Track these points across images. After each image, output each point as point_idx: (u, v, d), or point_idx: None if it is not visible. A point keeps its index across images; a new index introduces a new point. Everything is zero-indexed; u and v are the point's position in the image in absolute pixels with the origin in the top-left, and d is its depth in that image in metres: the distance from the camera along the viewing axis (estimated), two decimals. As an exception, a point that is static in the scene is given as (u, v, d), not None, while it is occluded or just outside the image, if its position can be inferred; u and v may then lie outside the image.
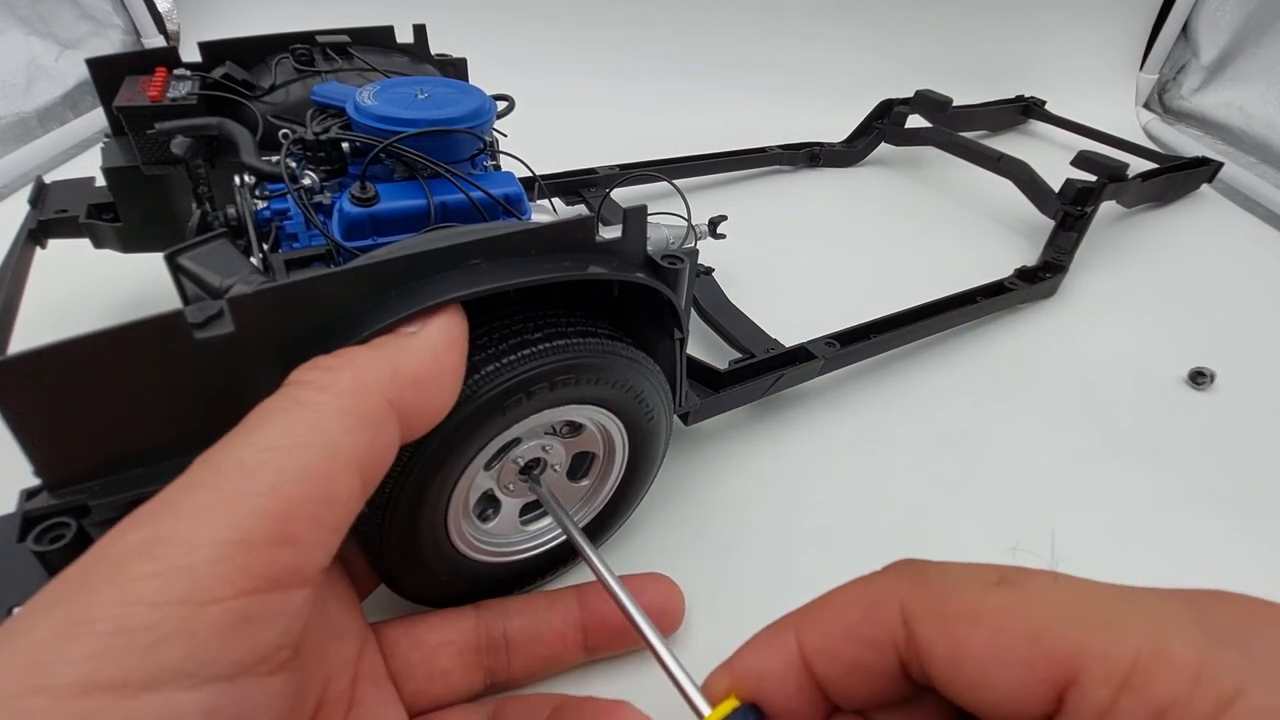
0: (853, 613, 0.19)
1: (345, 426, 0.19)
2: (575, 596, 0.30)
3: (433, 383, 0.22)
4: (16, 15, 0.80)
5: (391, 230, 0.32)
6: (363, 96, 0.34)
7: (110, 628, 0.15)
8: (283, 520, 0.17)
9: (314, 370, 0.21)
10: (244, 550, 0.16)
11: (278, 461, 0.18)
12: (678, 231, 0.53)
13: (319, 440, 0.19)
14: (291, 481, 0.18)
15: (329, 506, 0.18)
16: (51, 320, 0.46)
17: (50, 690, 0.14)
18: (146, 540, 0.16)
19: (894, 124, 0.85)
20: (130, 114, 0.39)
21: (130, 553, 0.16)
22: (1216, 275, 0.69)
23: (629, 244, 0.28)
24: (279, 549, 0.17)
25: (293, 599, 0.17)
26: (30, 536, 0.21)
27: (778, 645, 0.20)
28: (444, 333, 0.23)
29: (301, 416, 0.19)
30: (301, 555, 0.18)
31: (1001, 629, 0.17)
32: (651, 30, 1.01)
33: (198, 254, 0.25)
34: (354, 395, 0.20)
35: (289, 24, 0.47)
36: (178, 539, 0.16)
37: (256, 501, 0.17)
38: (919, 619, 0.18)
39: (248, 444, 0.18)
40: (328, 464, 0.18)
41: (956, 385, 0.51)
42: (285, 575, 0.17)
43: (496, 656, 0.28)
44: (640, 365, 0.29)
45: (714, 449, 0.44)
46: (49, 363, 0.19)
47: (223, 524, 0.16)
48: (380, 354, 0.21)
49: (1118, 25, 1.08)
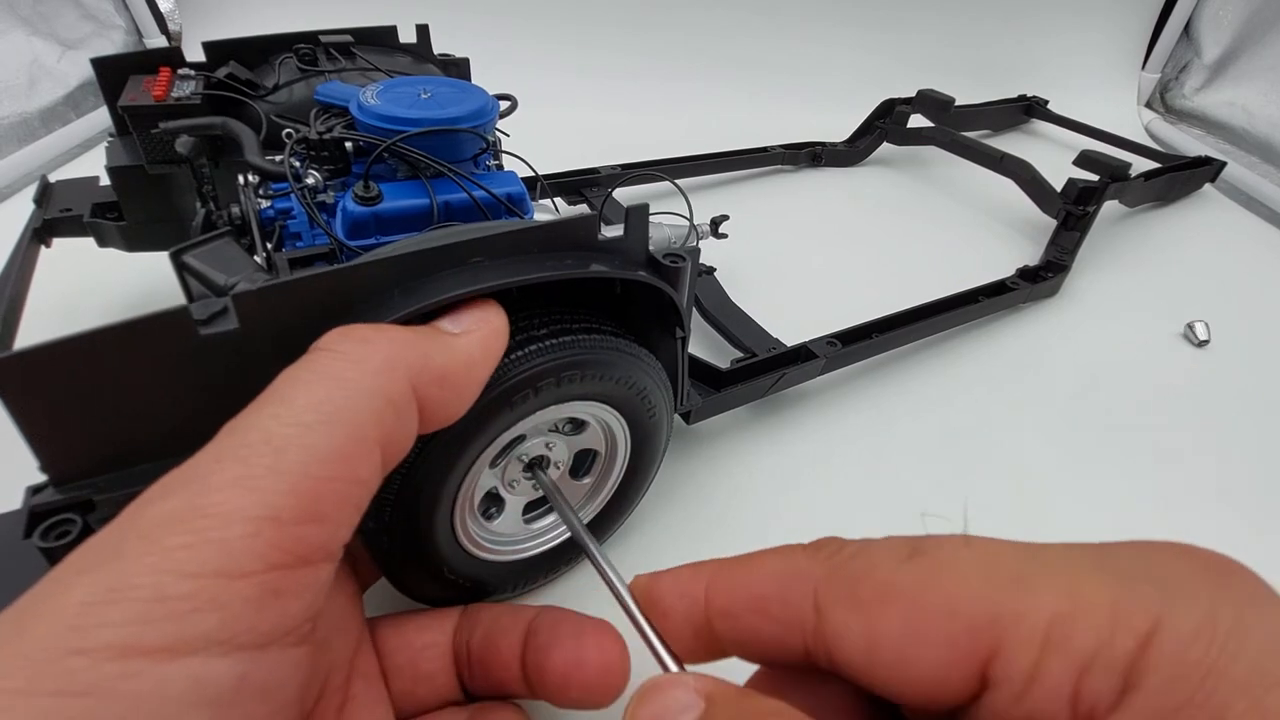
0: (765, 585, 0.19)
1: (373, 407, 0.19)
2: (524, 625, 0.26)
3: (458, 386, 0.22)
4: (19, 16, 0.81)
5: (394, 229, 0.32)
6: (366, 96, 0.34)
7: (149, 594, 0.15)
8: (312, 499, 0.17)
9: (347, 340, 0.20)
10: (275, 527, 0.17)
11: (307, 439, 0.18)
12: (680, 231, 0.53)
13: (348, 419, 0.18)
14: (321, 460, 0.18)
15: (355, 486, 0.19)
16: (56, 319, 0.46)
17: (91, 652, 0.14)
18: (179, 511, 0.16)
19: (896, 123, 0.85)
20: (135, 113, 0.39)
21: (163, 522, 0.16)
22: (1219, 274, 0.69)
23: (631, 242, 0.28)
24: (308, 526, 0.17)
25: (319, 574, 0.18)
26: (36, 532, 0.21)
27: (686, 590, 0.20)
28: (484, 345, 0.23)
29: (330, 392, 0.19)
30: (328, 532, 0.18)
31: (916, 606, 0.16)
32: (654, 30, 1.01)
33: (202, 252, 0.25)
34: (385, 375, 0.20)
35: (291, 24, 0.47)
36: (210, 512, 0.16)
37: (287, 480, 0.17)
38: (831, 605, 0.18)
39: (274, 416, 0.18)
40: (355, 445, 0.18)
41: (958, 385, 0.51)
42: (313, 551, 0.17)
43: (462, 666, 0.27)
44: (643, 362, 0.30)
45: (715, 448, 0.44)
46: (54, 358, 0.19)
47: (255, 500, 0.16)
48: (417, 339, 0.21)
49: (1120, 24, 1.08)
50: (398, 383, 0.20)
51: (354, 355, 0.20)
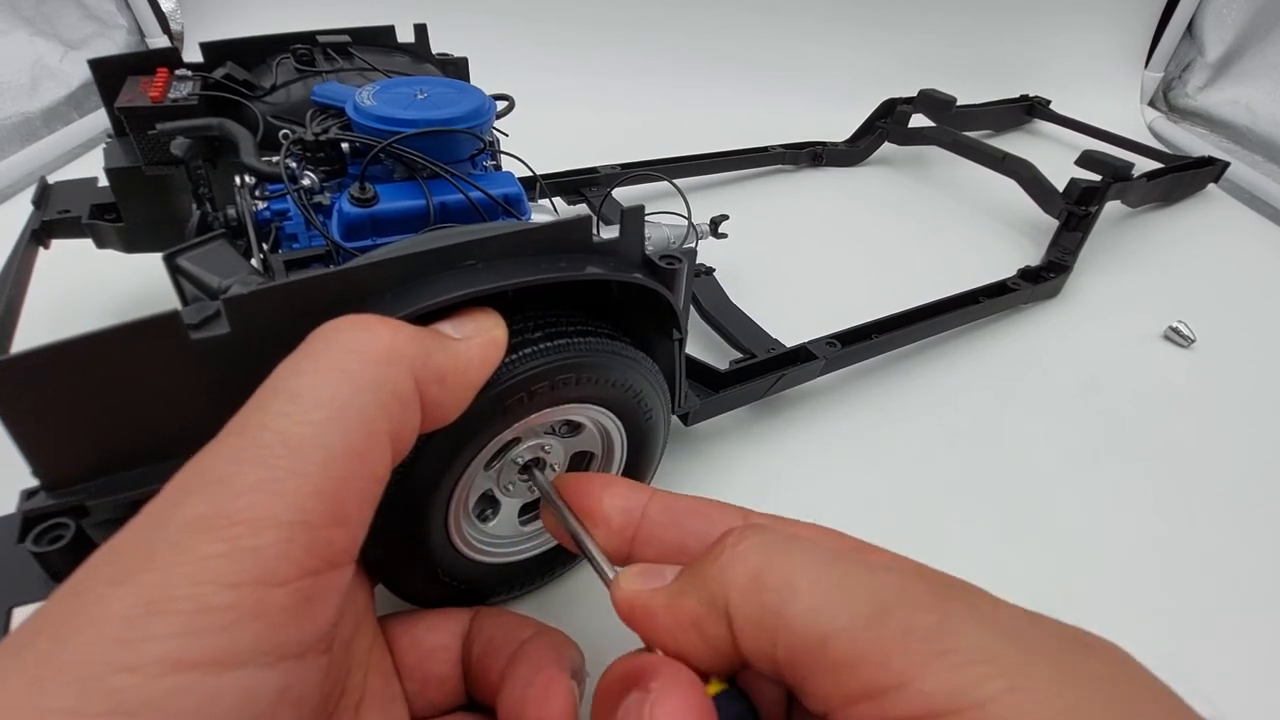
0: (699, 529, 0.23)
1: (380, 401, 0.19)
2: (512, 649, 0.25)
3: (454, 387, 0.22)
4: (21, 16, 0.81)
5: (391, 231, 0.32)
6: (362, 97, 0.34)
7: (192, 606, 0.15)
8: (336, 500, 0.17)
9: (348, 330, 0.20)
10: (306, 531, 0.16)
11: (322, 436, 0.17)
12: (679, 230, 0.53)
13: (359, 414, 0.18)
14: (340, 459, 0.17)
15: (372, 483, 0.18)
16: (54, 320, 0.46)
17: (140, 668, 0.14)
18: (207, 518, 0.16)
19: (897, 123, 0.85)
20: (131, 114, 0.39)
21: (194, 529, 0.16)
22: (1221, 274, 0.69)
23: (627, 244, 0.28)
24: (335, 529, 0.17)
25: (344, 576, 0.18)
26: (30, 537, 0.21)
27: (625, 506, 0.24)
28: (482, 352, 0.23)
29: (336, 386, 0.18)
30: (352, 533, 0.18)
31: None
32: (654, 29, 1.01)
33: (196, 255, 0.25)
34: (388, 366, 0.19)
35: (293, 24, 0.47)
36: (240, 518, 0.16)
37: (309, 481, 0.17)
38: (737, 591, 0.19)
39: (284, 414, 0.17)
40: (369, 440, 0.18)
41: (959, 386, 0.51)
42: (340, 554, 0.17)
43: (467, 674, 0.26)
44: (639, 365, 0.29)
45: (714, 449, 0.44)
46: (45, 364, 0.19)
47: (283, 504, 0.16)
48: (418, 334, 0.21)
49: (1122, 23, 1.08)
50: (401, 375, 0.20)
51: (355, 346, 0.19)
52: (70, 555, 0.21)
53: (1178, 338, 0.57)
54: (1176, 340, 0.57)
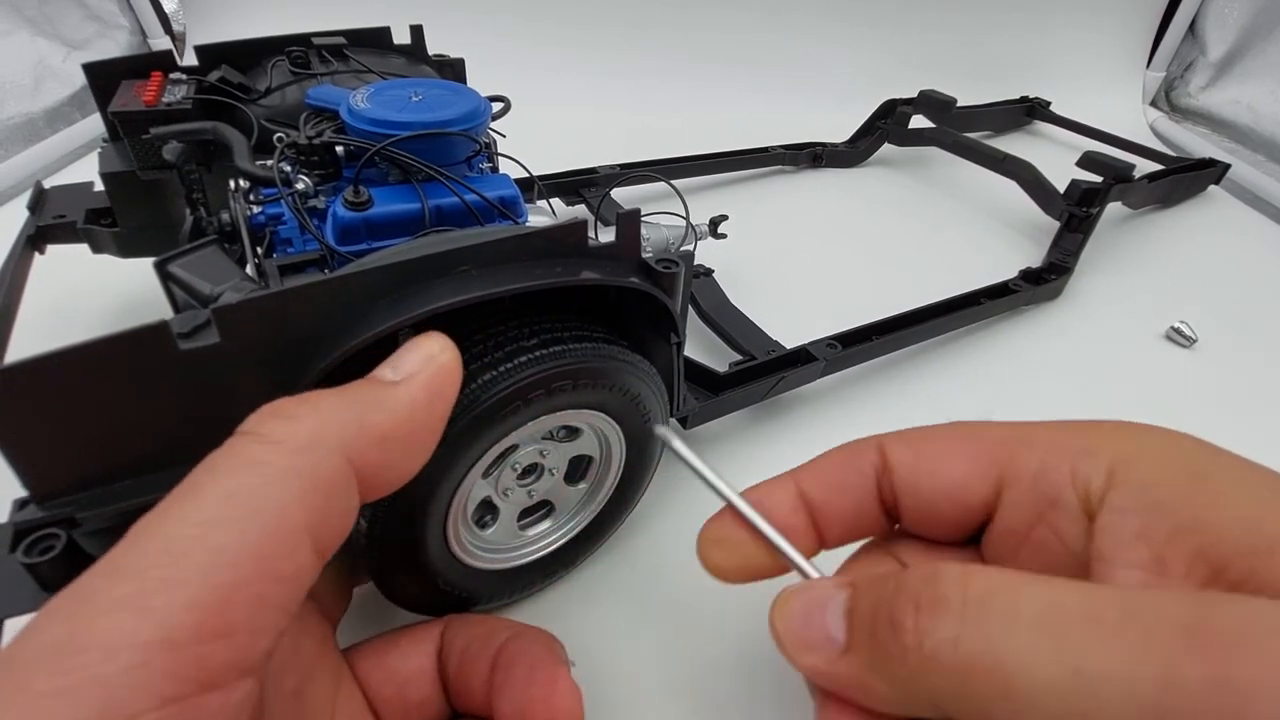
0: (840, 465, 0.25)
1: (295, 492, 0.17)
2: (493, 652, 0.25)
3: (403, 442, 0.20)
4: (24, 16, 0.81)
5: (385, 234, 0.31)
6: (356, 99, 0.33)
7: None
8: (216, 610, 0.15)
9: (270, 419, 0.19)
10: (167, 651, 0.14)
11: (213, 539, 0.16)
12: (678, 231, 0.52)
13: (264, 509, 0.16)
14: (229, 563, 0.15)
15: (275, 585, 0.16)
16: (50, 326, 0.46)
17: None
18: (59, 644, 0.14)
19: (897, 124, 0.85)
20: (125, 119, 0.39)
21: (39, 660, 0.14)
22: (1223, 274, 0.68)
23: (623, 248, 0.28)
24: (211, 644, 0.15)
25: (231, 696, 0.15)
26: (20, 548, 0.21)
27: (783, 501, 0.25)
28: (427, 387, 0.21)
29: (245, 481, 0.17)
30: (241, 646, 0.16)
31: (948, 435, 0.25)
32: (653, 29, 1.00)
33: (188, 261, 0.25)
34: (309, 453, 0.18)
35: (295, 24, 0.46)
36: (93, 643, 0.14)
37: (184, 592, 0.15)
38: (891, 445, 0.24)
39: (179, 518, 0.16)
40: (272, 538, 0.16)
41: (960, 387, 0.51)
42: (220, 673, 0.15)
43: (446, 687, 0.26)
44: (637, 369, 0.29)
45: (713, 452, 0.44)
46: (31, 376, 0.18)
47: (143, 622, 0.14)
48: (349, 403, 0.19)
49: (1124, 22, 1.07)
50: (326, 459, 0.18)
51: (275, 435, 0.18)
52: (60, 566, 0.20)
53: (1179, 338, 0.57)
54: (1178, 340, 0.57)
